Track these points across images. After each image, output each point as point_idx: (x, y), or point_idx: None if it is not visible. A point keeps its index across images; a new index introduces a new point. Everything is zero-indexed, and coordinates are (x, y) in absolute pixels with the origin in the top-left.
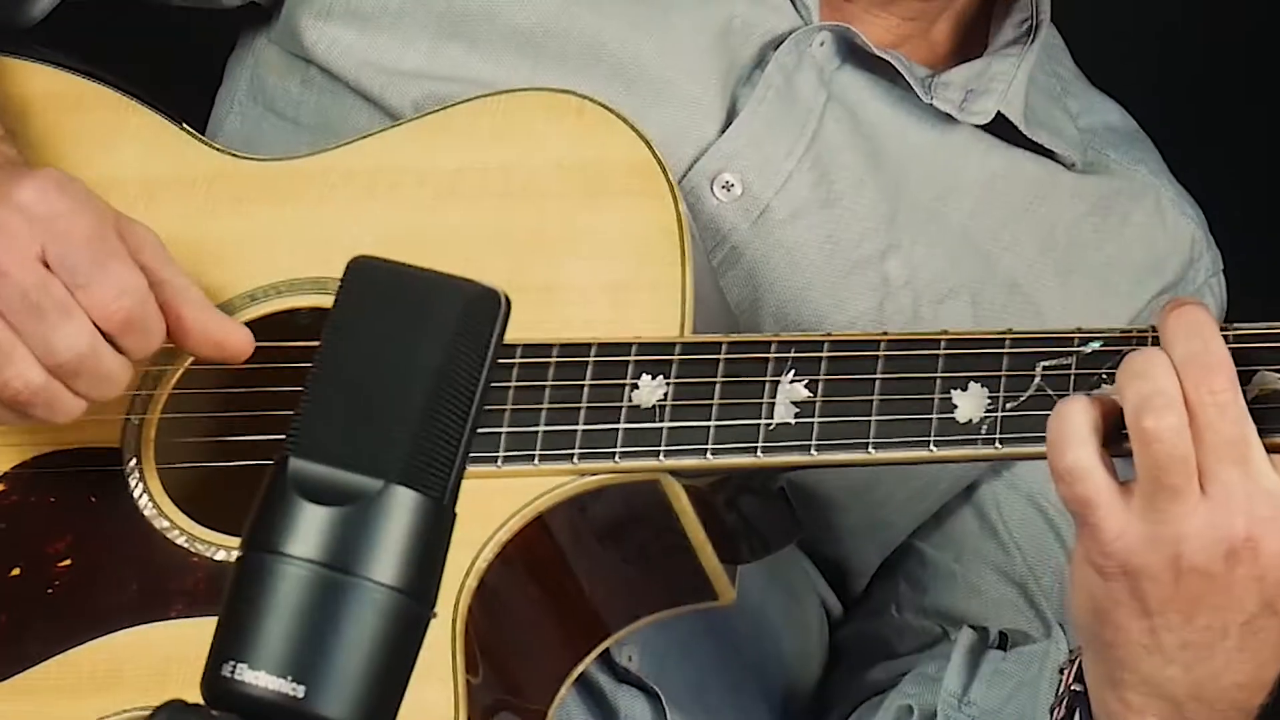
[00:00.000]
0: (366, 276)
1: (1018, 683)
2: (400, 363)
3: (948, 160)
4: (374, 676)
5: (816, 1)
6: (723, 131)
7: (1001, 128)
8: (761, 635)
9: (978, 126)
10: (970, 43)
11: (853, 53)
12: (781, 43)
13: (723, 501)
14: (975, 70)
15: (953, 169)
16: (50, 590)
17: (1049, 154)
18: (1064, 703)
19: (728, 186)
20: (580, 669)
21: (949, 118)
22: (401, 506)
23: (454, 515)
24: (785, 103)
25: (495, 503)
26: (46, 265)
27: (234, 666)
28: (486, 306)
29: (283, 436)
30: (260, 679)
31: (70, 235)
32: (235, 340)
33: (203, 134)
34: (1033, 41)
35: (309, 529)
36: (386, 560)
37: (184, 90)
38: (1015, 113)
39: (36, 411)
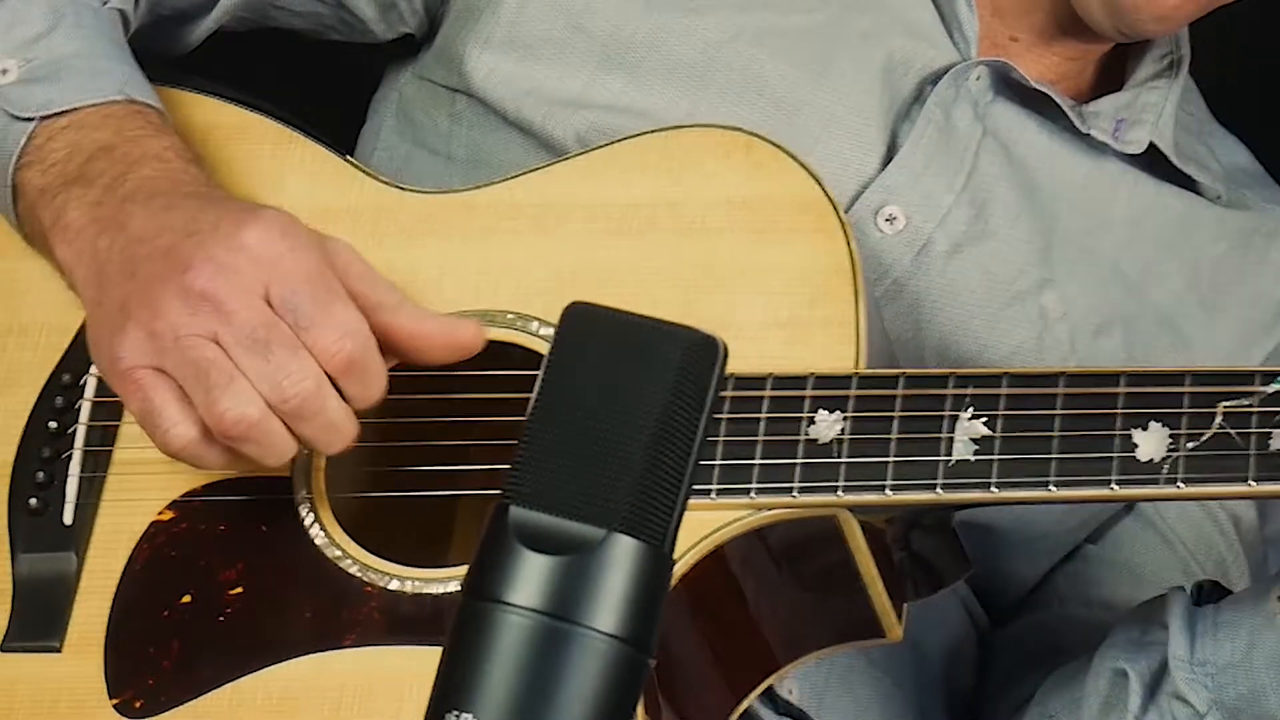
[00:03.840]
0: (584, 322)
1: (1249, 628)
2: (622, 410)
3: (1098, 193)
4: None
5: (975, 37)
6: (883, 165)
7: (1148, 161)
8: (918, 663)
9: (1127, 160)
10: (1107, 78)
11: (1006, 85)
12: (939, 78)
13: (896, 537)
14: (1123, 101)
15: (1103, 202)
16: (222, 618)
17: (1192, 188)
18: None
19: (891, 219)
20: (746, 704)
21: (1099, 152)
22: (624, 555)
23: (673, 562)
24: (944, 137)
25: None
26: (270, 306)
27: (457, 716)
28: (706, 353)
29: (450, 467)
30: None
31: (293, 277)
32: (467, 334)
33: None
34: (1177, 74)
35: (531, 578)
36: (609, 609)
37: (322, 128)
38: (1166, 144)
39: (248, 448)
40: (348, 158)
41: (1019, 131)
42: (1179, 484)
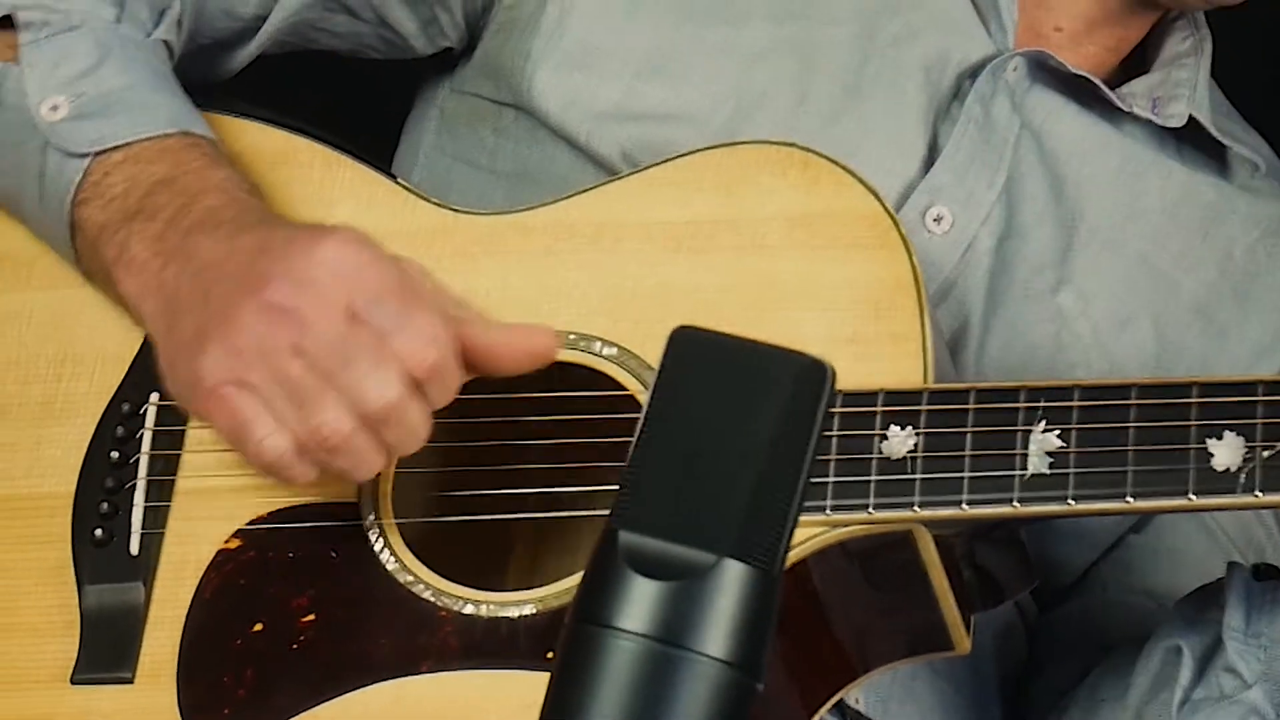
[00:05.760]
0: (691, 346)
1: None
2: (731, 435)
3: (1130, 182)
4: None
5: (1014, 26)
6: (925, 166)
7: (1182, 145)
8: (975, 663)
9: (1160, 147)
10: (1131, 67)
11: (1042, 70)
12: (977, 71)
13: (966, 551)
14: (1155, 80)
15: (1134, 191)
16: (295, 645)
17: (1224, 174)
18: None
19: (939, 219)
20: (817, 718)
21: (1133, 139)
22: (734, 580)
23: (780, 586)
24: (984, 133)
25: None
26: (352, 317)
27: None
28: (815, 377)
29: (518, 490)
30: None
31: (375, 288)
32: (543, 339)
33: None
34: (1202, 53)
35: (641, 603)
36: (718, 634)
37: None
38: (1204, 117)
39: (341, 460)
40: (398, 180)
41: (1054, 121)
42: (1257, 493)
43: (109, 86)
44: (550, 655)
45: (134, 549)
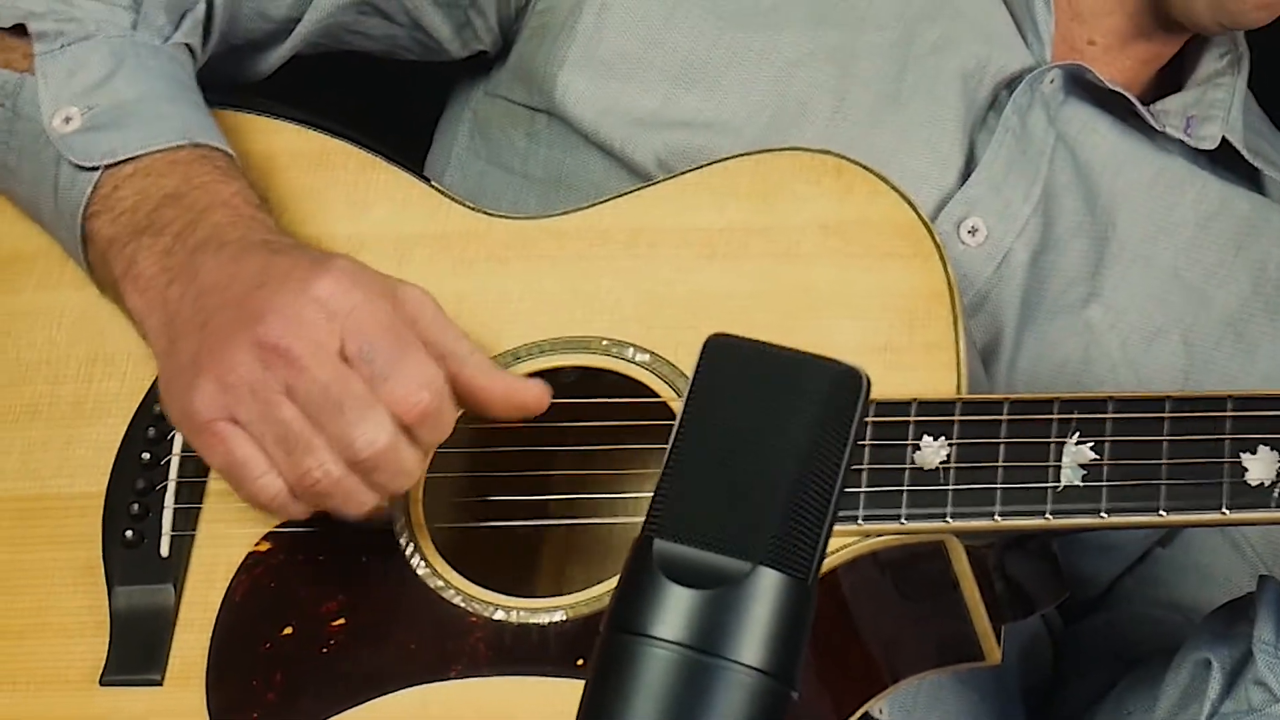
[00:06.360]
0: (726, 353)
1: None
2: (766, 443)
3: (1164, 196)
4: None
5: (1051, 39)
6: (962, 177)
7: (1215, 162)
8: (1001, 674)
9: (1194, 161)
10: (1167, 81)
11: (1078, 85)
12: (1014, 82)
13: (998, 562)
14: (1190, 99)
15: (1167, 205)
16: (325, 650)
17: (1260, 188)
18: None
19: (973, 231)
20: None
21: (1167, 153)
22: (768, 588)
23: (815, 594)
24: (1021, 145)
25: None
26: (344, 359)
27: None
28: (850, 385)
29: (550, 497)
30: None
31: (368, 330)
32: (534, 397)
33: None
34: (1239, 71)
35: (676, 611)
36: (753, 642)
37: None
38: (1237, 138)
39: (330, 503)
40: (432, 183)
41: (1088, 133)
42: None
43: (121, 97)
44: (580, 662)
45: (164, 550)
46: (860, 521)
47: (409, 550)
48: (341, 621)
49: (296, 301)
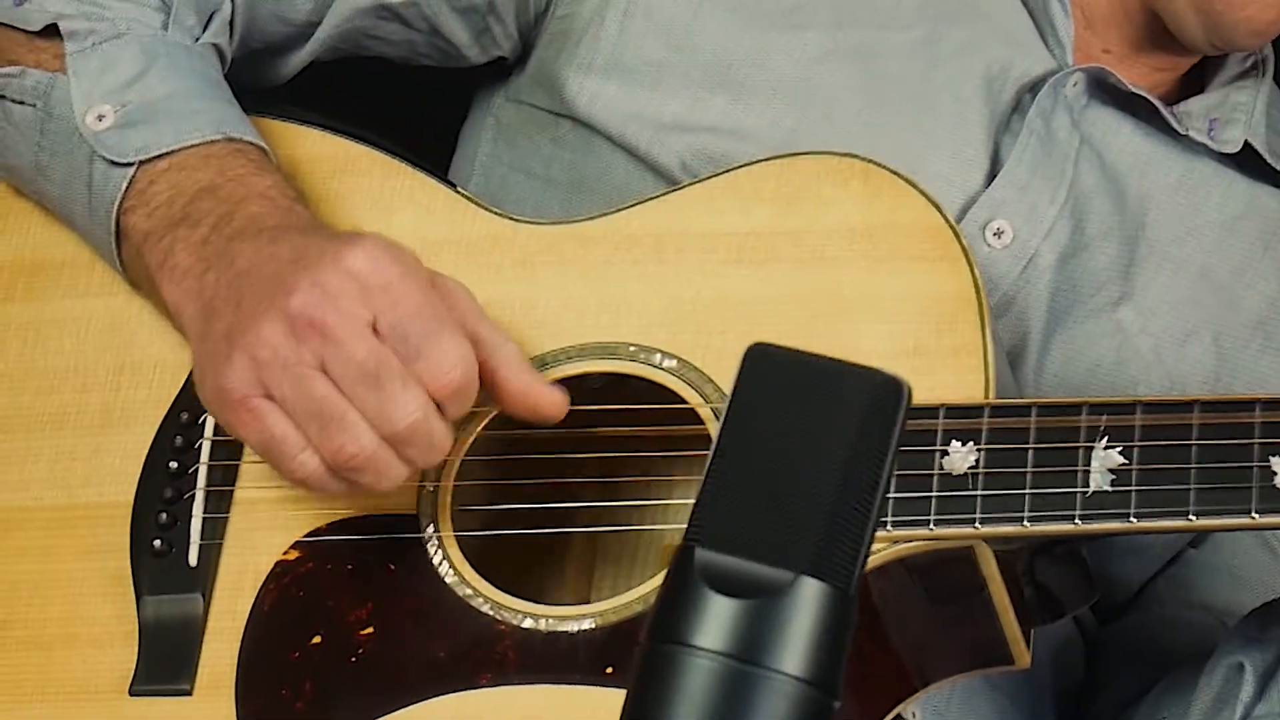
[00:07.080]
0: (767, 362)
1: None
2: (808, 453)
3: (1190, 196)
4: None
5: (1071, 43)
6: (987, 179)
7: (1241, 162)
8: (1032, 677)
9: (1220, 161)
10: (1190, 83)
11: (1101, 89)
12: (1037, 85)
13: (1027, 566)
14: (1213, 101)
15: (1194, 206)
16: (354, 659)
17: None
18: None
19: (999, 234)
20: None
21: (1192, 154)
22: (811, 598)
23: (857, 604)
24: (1045, 147)
25: None
26: (377, 333)
27: None
28: (891, 395)
29: (576, 504)
30: None
31: (403, 304)
32: (550, 403)
33: None
34: (1263, 74)
35: (718, 621)
36: (796, 652)
37: (409, 151)
38: (1260, 142)
39: (364, 478)
40: (458, 189)
41: (1113, 136)
42: None
43: (154, 94)
44: (609, 670)
45: (193, 560)
46: (889, 528)
47: (437, 558)
48: (370, 630)
49: (330, 274)
